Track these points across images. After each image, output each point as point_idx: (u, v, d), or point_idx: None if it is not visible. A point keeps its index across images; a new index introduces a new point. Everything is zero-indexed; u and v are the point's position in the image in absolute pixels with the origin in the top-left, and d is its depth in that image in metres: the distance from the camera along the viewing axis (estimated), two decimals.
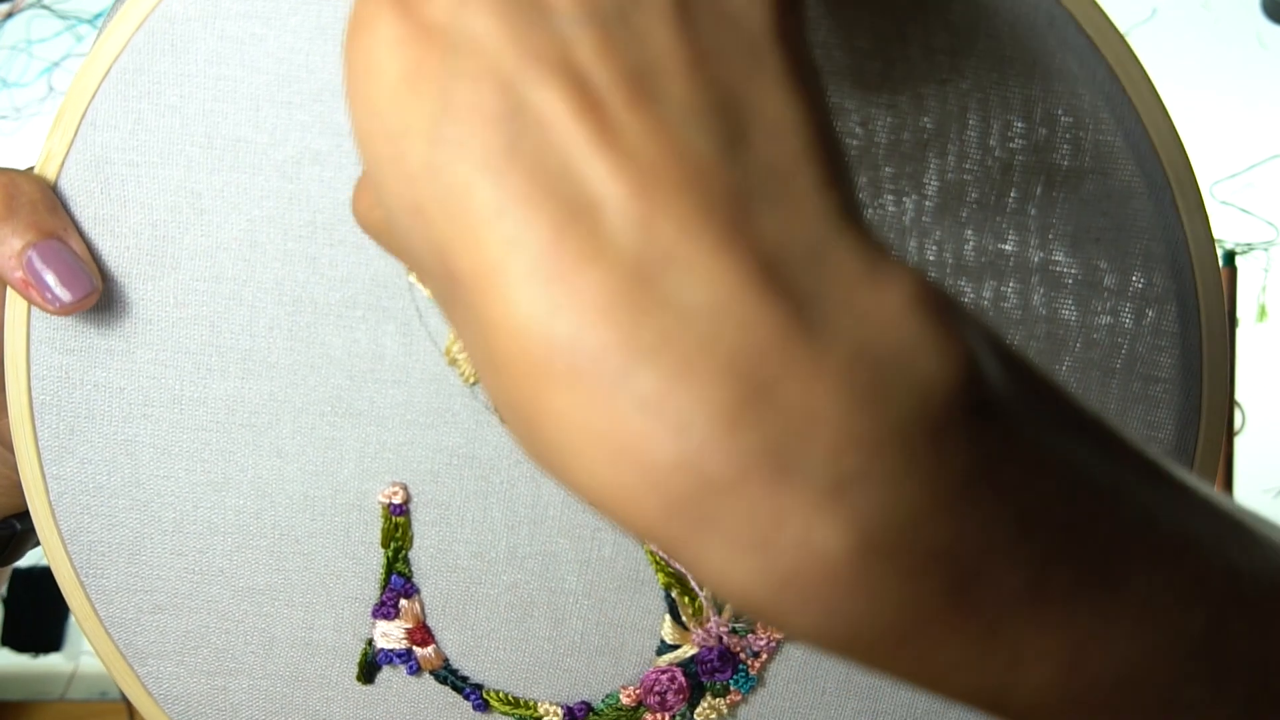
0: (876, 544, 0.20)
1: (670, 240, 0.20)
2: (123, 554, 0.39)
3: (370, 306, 0.37)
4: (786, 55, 0.22)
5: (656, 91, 0.20)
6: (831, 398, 0.19)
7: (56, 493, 0.38)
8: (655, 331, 0.19)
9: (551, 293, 0.20)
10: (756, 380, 0.19)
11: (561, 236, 0.20)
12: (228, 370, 0.37)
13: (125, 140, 0.36)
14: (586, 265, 0.20)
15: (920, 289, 0.20)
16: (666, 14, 0.21)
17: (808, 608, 0.20)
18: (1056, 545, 0.21)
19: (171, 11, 0.35)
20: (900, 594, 0.20)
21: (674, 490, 0.19)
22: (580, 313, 0.19)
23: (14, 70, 1.08)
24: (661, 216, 0.20)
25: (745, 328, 0.19)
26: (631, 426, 0.19)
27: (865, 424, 0.19)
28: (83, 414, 0.38)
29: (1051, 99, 0.35)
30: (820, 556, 0.19)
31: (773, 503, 0.19)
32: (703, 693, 0.40)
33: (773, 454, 0.19)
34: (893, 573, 0.20)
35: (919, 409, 0.20)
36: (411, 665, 0.40)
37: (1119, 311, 0.37)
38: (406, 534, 0.39)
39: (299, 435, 0.38)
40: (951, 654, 0.21)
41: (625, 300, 0.19)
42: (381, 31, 0.21)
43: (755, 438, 0.19)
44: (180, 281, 0.37)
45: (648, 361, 0.19)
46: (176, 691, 0.40)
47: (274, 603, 0.39)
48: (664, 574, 0.39)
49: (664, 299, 0.19)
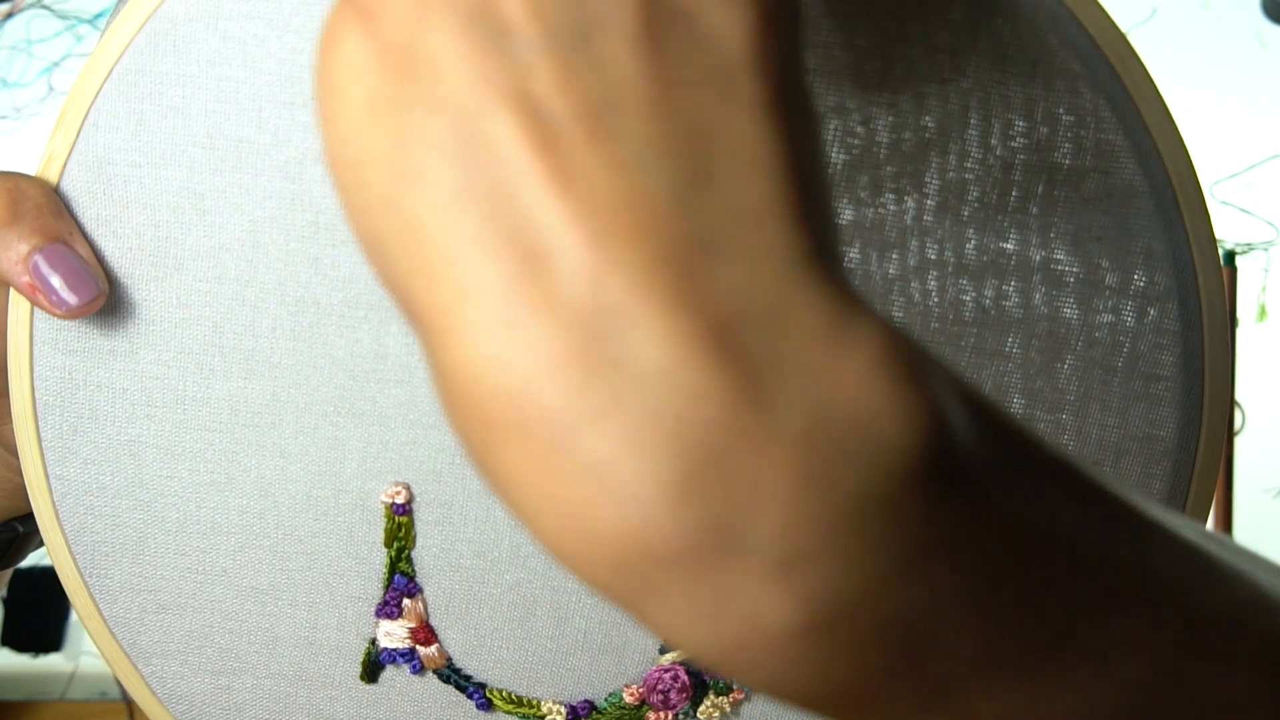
0: (823, 620, 0.19)
1: (620, 295, 0.19)
2: (126, 554, 0.39)
3: (373, 306, 0.37)
4: (764, 83, 0.20)
5: (617, 126, 0.19)
6: (782, 473, 0.18)
7: (60, 493, 0.38)
8: (605, 393, 0.18)
9: (503, 344, 0.19)
10: (704, 452, 0.18)
11: (514, 285, 0.19)
12: (230, 371, 0.37)
13: (128, 141, 0.36)
14: (538, 317, 0.19)
15: (885, 348, 0.19)
16: (631, 38, 0.20)
17: (755, 673, 0.20)
18: (1012, 614, 0.20)
19: (173, 12, 0.35)
20: (847, 665, 0.20)
21: (620, 559, 0.19)
22: (531, 367, 0.19)
23: (14, 70, 1.08)
24: (613, 269, 0.19)
25: (693, 396, 0.18)
26: (578, 491, 0.19)
27: (816, 501, 0.18)
28: (86, 415, 0.38)
29: (1053, 98, 0.35)
30: (765, 630, 0.19)
31: (718, 577, 0.19)
32: (706, 691, 0.40)
33: (719, 529, 0.18)
34: (840, 646, 0.19)
35: (876, 483, 0.19)
36: (415, 664, 0.40)
37: (1120, 310, 0.37)
38: (409, 533, 0.39)
39: (302, 435, 0.38)
40: (901, 718, 0.21)
41: (576, 357, 0.18)
42: (346, 51, 0.21)
43: (701, 512, 0.18)
44: (183, 282, 0.37)
45: (596, 424, 0.18)
46: (181, 691, 0.40)
47: (277, 602, 0.39)
48: None
49: (614, 358, 0.18)
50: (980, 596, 0.20)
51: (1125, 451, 0.38)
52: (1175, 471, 0.38)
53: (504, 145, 0.19)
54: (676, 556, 0.19)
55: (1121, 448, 0.38)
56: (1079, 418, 0.37)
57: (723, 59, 0.20)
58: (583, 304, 0.19)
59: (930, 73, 0.35)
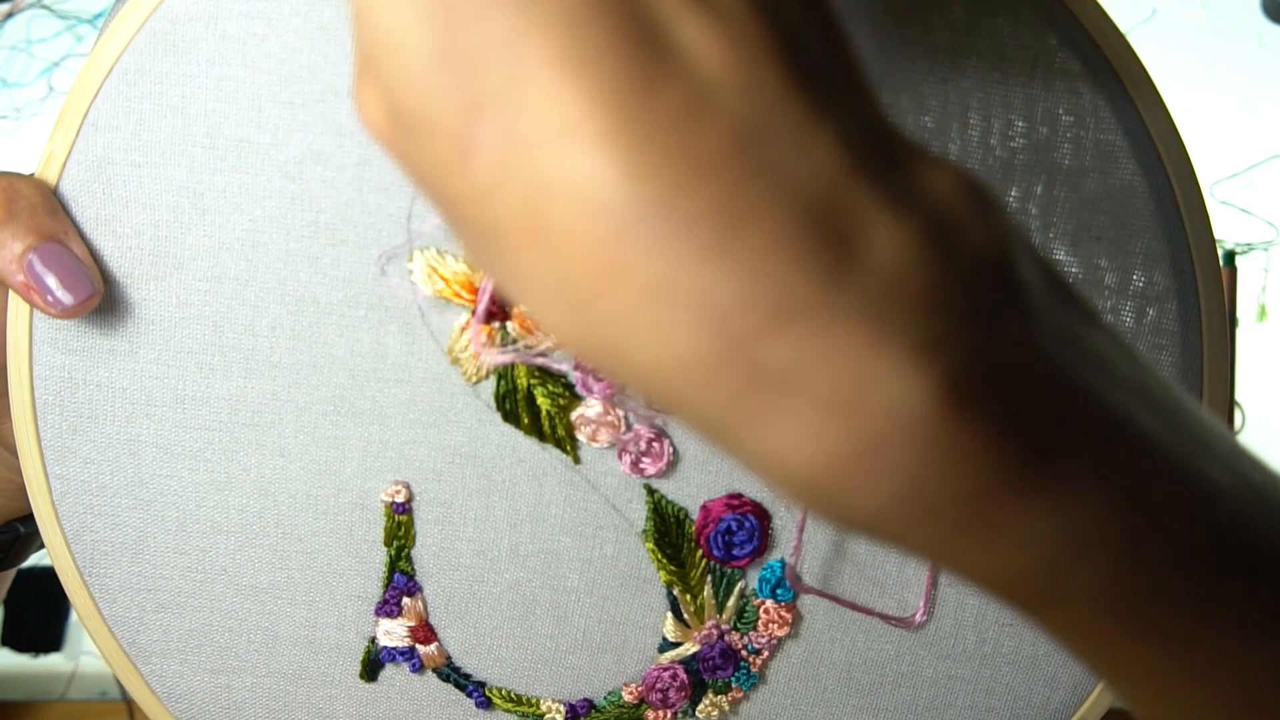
0: (964, 399, 0.20)
1: (768, 106, 0.20)
2: (126, 553, 0.39)
3: (372, 306, 0.37)
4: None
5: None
6: (917, 256, 0.20)
7: (59, 492, 0.38)
8: (753, 197, 0.19)
9: (636, 152, 0.19)
10: (847, 242, 0.20)
11: (652, 90, 0.19)
12: (230, 370, 0.37)
13: (127, 141, 0.36)
14: (688, 122, 0.19)
15: (969, 178, 0.21)
16: None
17: (881, 478, 0.20)
18: (1119, 419, 0.22)
19: (173, 12, 0.35)
20: (981, 459, 0.20)
21: (759, 357, 0.19)
22: (674, 174, 0.19)
23: (14, 70, 1.08)
24: (759, 81, 0.20)
25: (838, 191, 0.20)
26: (725, 291, 0.19)
27: (952, 285, 0.20)
28: (85, 414, 0.38)
29: (1053, 97, 0.35)
30: (906, 416, 0.20)
31: (866, 362, 0.20)
32: (704, 690, 0.40)
33: (867, 311, 0.20)
34: (976, 433, 0.20)
35: (1001, 275, 0.21)
36: (414, 663, 0.40)
37: (1119, 310, 0.37)
38: (409, 532, 0.39)
39: (302, 434, 0.38)
40: (1017, 531, 0.21)
41: (724, 161, 0.19)
42: None
43: (849, 297, 0.19)
44: (183, 281, 0.37)
45: (746, 227, 0.19)
46: (180, 690, 0.40)
47: (277, 601, 0.39)
48: (666, 572, 0.39)
49: (762, 163, 0.19)
50: (1090, 400, 0.22)
51: None
52: None
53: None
54: (825, 345, 0.20)
55: None
56: None
57: None
58: (732, 110, 0.20)
59: (930, 72, 0.35)
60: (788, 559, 0.39)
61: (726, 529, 0.38)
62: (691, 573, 0.39)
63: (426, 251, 0.36)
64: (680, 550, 0.39)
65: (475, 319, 0.36)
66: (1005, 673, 0.40)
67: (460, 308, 0.37)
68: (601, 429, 0.37)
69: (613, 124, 0.19)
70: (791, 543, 0.39)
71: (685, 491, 0.38)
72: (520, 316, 0.36)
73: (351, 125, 0.35)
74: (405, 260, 0.36)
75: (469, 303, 0.36)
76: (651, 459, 0.38)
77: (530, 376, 0.37)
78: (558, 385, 0.37)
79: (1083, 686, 0.40)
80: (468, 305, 0.36)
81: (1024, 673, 0.40)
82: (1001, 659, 0.40)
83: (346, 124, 0.35)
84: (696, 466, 0.38)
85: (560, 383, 0.37)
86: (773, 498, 0.38)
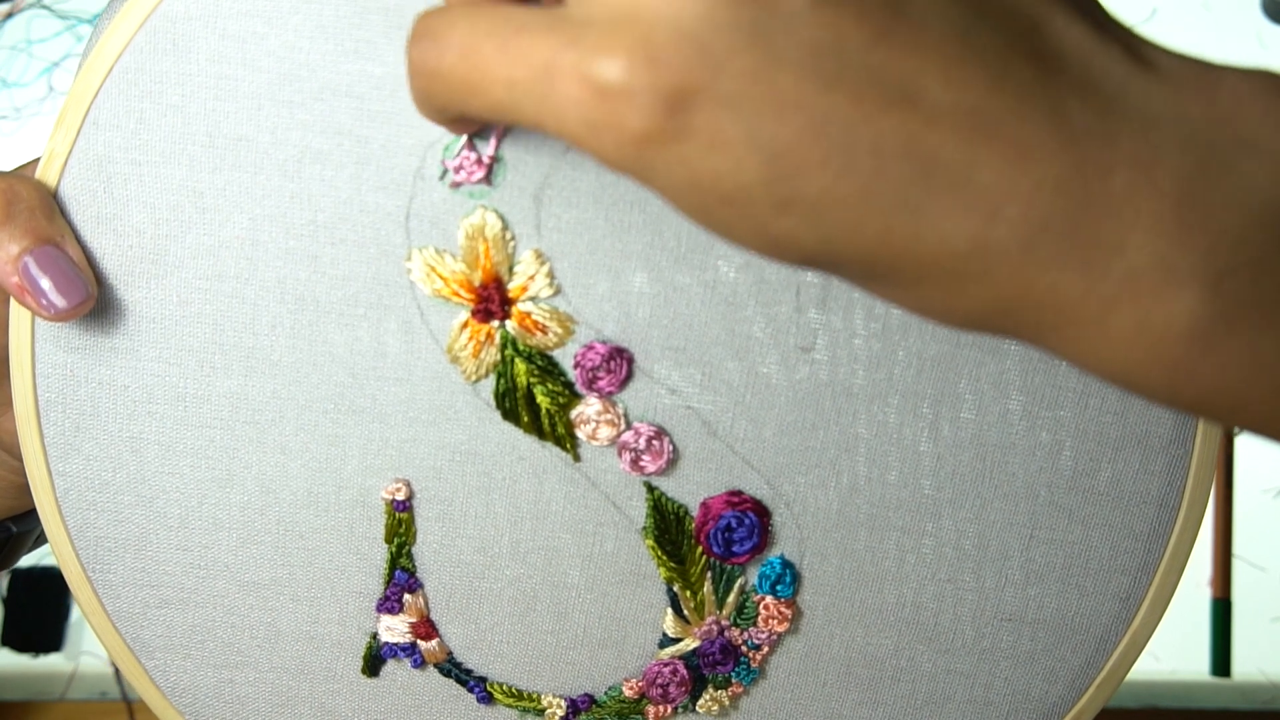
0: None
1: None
2: (129, 549, 0.39)
3: (372, 305, 0.37)
4: None
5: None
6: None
7: (63, 489, 0.38)
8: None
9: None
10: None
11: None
12: (231, 368, 0.37)
13: (128, 139, 0.36)
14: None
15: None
16: None
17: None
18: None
19: (173, 11, 0.35)
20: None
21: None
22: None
23: (14, 70, 1.08)
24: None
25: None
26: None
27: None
28: (88, 411, 0.38)
29: None
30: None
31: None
32: (704, 685, 0.40)
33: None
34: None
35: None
36: (416, 659, 0.40)
37: None
38: (410, 529, 0.39)
39: (302, 432, 0.38)
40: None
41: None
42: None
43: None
44: (183, 280, 0.37)
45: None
46: (184, 685, 0.40)
47: (279, 597, 0.39)
48: (666, 569, 0.39)
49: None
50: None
51: (1123, 446, 0.38)
52: (1172, 467, 0.38)
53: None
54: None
55: (1120, 443, 0.38)
56: (1078, 413, 0.37)
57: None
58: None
59: None
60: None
61: (726, 526, 0.38)
62: (691, 569, 0.39)
63: (425, 251, 0.36)
64: (680, 547, 0.39)
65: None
66: (1004, 667, 0.40)
67: (459, 306, 0.37)
68: (601, 427, 0.38)
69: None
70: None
71: (685, 489, 0.38)
72: (520, 315, 0.37)
73: (350, 124, 0.35)
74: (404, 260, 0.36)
75: (468, 302, 0.37)
76: (651, 456, 0.38)
77: (530, 375, 0.37)
78: (557, 384, 0.37)
79: (1080, 681, 0.40)
80: (467, 304, 0.37)
81: (1022, 667, 0.40)
82: (1000, 654, 0.40)
83: (345, 123, 0.35)
84: (696, 464, 0.38)
85: (560, 381, 0.37)
86: (772, 495, 0.38)
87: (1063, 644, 0.40)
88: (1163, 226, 0.23)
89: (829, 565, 0.39)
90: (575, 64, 0.23)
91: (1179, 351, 0.24)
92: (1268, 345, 0.24)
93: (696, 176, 0.24)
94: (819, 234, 0.24)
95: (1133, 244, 0.23)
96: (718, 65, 0.23)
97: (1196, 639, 0.98)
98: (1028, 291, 0.24)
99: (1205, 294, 0.24)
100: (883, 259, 0.24)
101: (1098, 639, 0.40)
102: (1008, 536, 0.39)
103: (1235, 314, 0.24)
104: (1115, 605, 0.39)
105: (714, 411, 0.38)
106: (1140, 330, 0.24)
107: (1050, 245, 0.23)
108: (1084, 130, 0.23)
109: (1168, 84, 0.24)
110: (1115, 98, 0.24)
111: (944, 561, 0.39)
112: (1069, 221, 0.23)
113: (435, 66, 0.26)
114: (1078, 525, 0.39)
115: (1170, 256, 0.23)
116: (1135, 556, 0.39)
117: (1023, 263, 0.24)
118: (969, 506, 0.38)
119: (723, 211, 0.24)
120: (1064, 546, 0.39)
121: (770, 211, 0.24)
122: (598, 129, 0.24)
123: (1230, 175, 0.24)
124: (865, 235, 0.24)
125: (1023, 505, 0.38)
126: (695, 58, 0.23)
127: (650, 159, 0.24)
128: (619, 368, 0.37)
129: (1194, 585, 0.98)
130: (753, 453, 0.38)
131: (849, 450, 0.38)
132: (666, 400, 0.38)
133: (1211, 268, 0.23)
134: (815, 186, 0.23)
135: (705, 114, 0.23)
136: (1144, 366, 0.24)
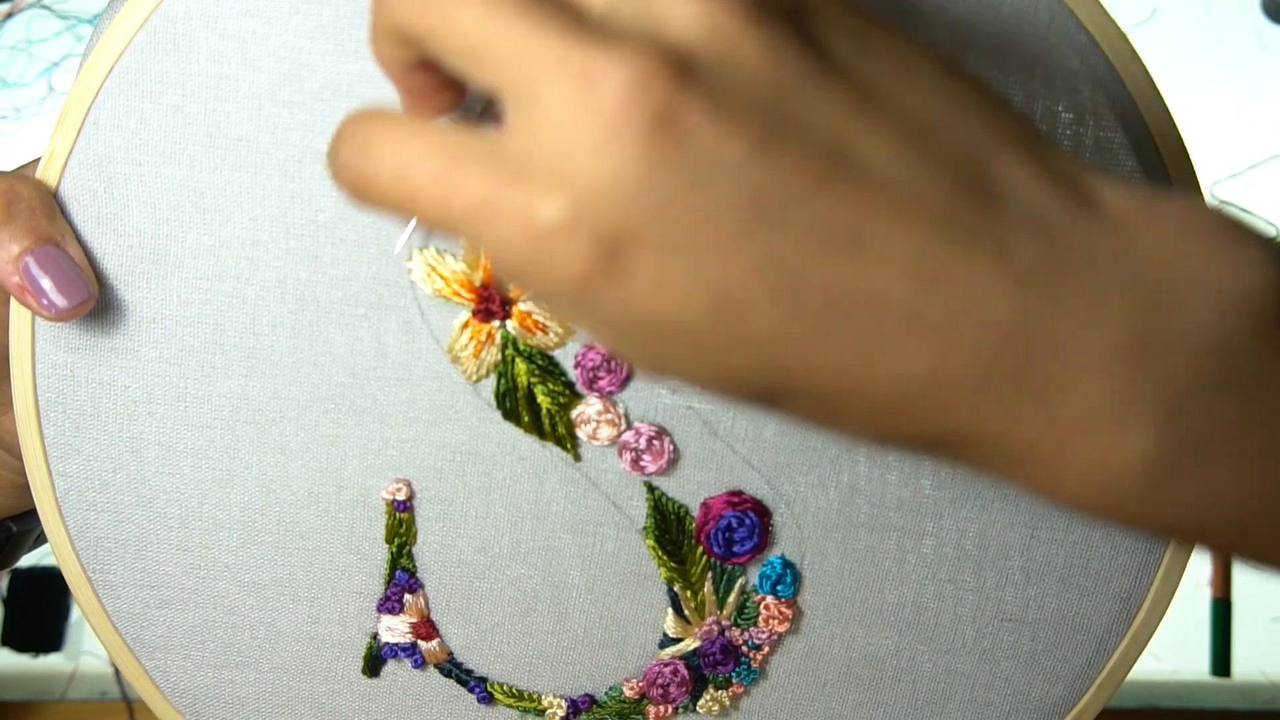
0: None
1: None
2: (129, 550, 0.39)
3: (372, 304, 0.37)
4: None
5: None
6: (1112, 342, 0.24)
7: (63, 489, 0.38)
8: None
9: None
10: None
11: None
12: (231, 368, 0.37)
13: (128, 139, 0.36)
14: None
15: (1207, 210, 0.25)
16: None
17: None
18: None
19: (173, 11, 0.35)
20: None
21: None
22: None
23: (14, 70, 1.08)
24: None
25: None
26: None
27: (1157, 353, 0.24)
28: (88, 411, 0.38)
29: (1052, 95, 0.35)
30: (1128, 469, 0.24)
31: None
32: (705, 685, 0.40)
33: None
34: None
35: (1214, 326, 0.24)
36: (416, 659, 0.40)
37: None
38: (410, 530, 0.39)
39: (303, 432, 0.38)
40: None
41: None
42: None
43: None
44: (183, 280, 0.37)
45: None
46: (184, 685, 0.40)
47: (279, 597, 0.39)
48: (666, 569, 0.39)
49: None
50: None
51: None
52: None
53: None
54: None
55: None
56: None
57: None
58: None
59: None
60: None
61: (727, 526, 0.38)
62: (692, 569, 0.39)
63: (426, 251, 0.36)
64: (681, 547, 0.39)
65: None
66: (1004, 667, 0.40)
67: (460, 306, 0.37)
68: (602, 427, 0.38)
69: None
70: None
71: (685, 489, 0.38)
72: (521, 315, 0.36)
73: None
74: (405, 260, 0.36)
75: (469, 301, 0.37)
76: (652, 456, 0.38)
77: (530, 375, 0.37)
78: (558, 383, 0.37)
79: (1081, 681, 0.40)
80: (467, 304, 0.37)
81: (1023, 667, 0.40)
82: (1000, 654, 0.40)
83: None
84: (697, 464, 0.38)
85: (560, 381, 0.37)
86: (773, 495, 0.38)
87: (1063, 644, 0.40)
88: (1113, 365, 0.24)
89: (829, 565, 0.39)
90: (513, 203, 0.23)
91: (1134, 488, 0.24)
92: (1221, 479, 0.24)
93: (641, 316, 0.24)
94: (771, 368, 0.24)
95: (1083, 383, 0.24)
96: (657, 210, 0.23)
97: (1197, 639, 0.99)
98: (985, 426, 0.24)
99: (1158, 431, 0.24)
100: (838, 393, 0.24)
101: (1098, 639, 0.40)
102: (1008, 536, 0.39)
103: (1188, 450, 0.24)
104: (1116, 605, 0.39)
105: (714, 411, 0.38)
106: (1096, 468, 0.24)
107: (1003, 383, 0.24)
108: (1030, 270, 0.23)
109: (1112, 221, 0.24)
110: (1061, 236, 0.24)
111: (944, 561, 0.39)
112: (1020, 361, 0.23)
113: (366, 183, 0.25)
114: (1078, 525, 0.39)
115: (1122, 394, 0.24)
116: (1136, 556, 0.39)
117: (979, 400, 0.24)
118: (969, 506, 0.38)
119: (671, 349, 0.24)
120: (1064, 546, 0.39)
121: (719, 349, 0.24)
122: (538, 268, 0.23)
123: (1177, 312, 0.24)
124: (819, 371, 0.24)
125: (1023, 505, 0.38)
126: (635, 202, 0.22)
127: (591, 299, 0.24)
128: (619, 367, 0.37)
129: (1194, 585, 0.98)
130: (753, 452, 0.38)
131: (849, 450, 0.38)
132: (667, 400, 0.38)
133: (1162, 405, 0.24)
134: (765, 324, 0.23)
135: (647, 256, 0.23)
136: (1102, 501, 0.25)
